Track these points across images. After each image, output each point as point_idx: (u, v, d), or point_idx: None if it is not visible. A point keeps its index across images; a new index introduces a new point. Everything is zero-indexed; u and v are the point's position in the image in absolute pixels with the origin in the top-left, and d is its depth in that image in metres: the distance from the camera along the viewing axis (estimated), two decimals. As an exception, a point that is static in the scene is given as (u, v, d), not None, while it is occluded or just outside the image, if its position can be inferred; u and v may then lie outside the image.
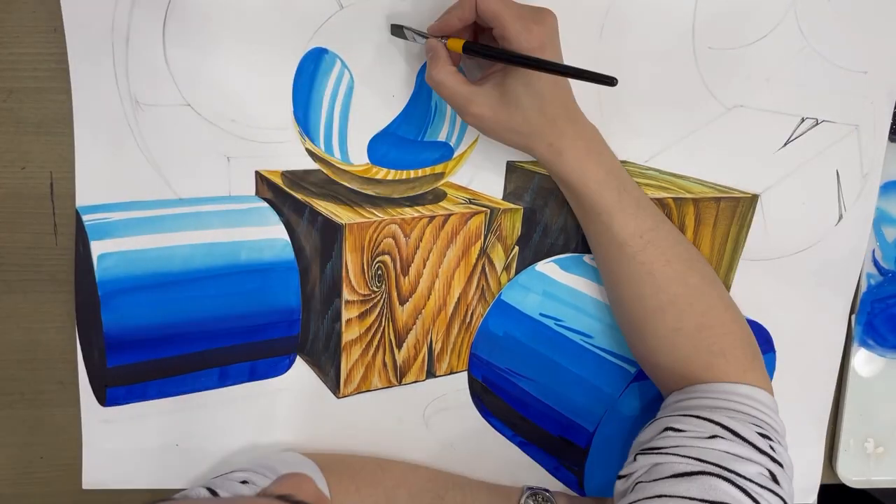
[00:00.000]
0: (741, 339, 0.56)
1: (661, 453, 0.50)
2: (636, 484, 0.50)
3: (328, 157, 0.61)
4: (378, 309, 0.63)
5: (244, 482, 0.54)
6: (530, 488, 0.64)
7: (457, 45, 0.53)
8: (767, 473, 0.49)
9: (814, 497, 0.71)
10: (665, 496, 0.47)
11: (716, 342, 0.55)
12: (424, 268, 0.63)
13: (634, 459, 0.52)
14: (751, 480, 0.47)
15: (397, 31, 0.58)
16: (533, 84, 0.52)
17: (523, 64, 0.50)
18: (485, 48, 0.53)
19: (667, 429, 0.52)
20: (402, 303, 0.64)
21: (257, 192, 0.61)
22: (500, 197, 0.63)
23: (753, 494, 0.47)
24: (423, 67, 0.59)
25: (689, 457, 0.49)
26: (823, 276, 0.66)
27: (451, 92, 0.53)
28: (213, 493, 0.52)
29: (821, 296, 0.66)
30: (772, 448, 0.50)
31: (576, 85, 0.60)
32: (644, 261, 0.55)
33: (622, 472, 0.53)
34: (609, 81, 0.47)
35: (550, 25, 0.52)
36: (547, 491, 0.64)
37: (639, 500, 0.48)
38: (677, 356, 0.55)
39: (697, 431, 0.50)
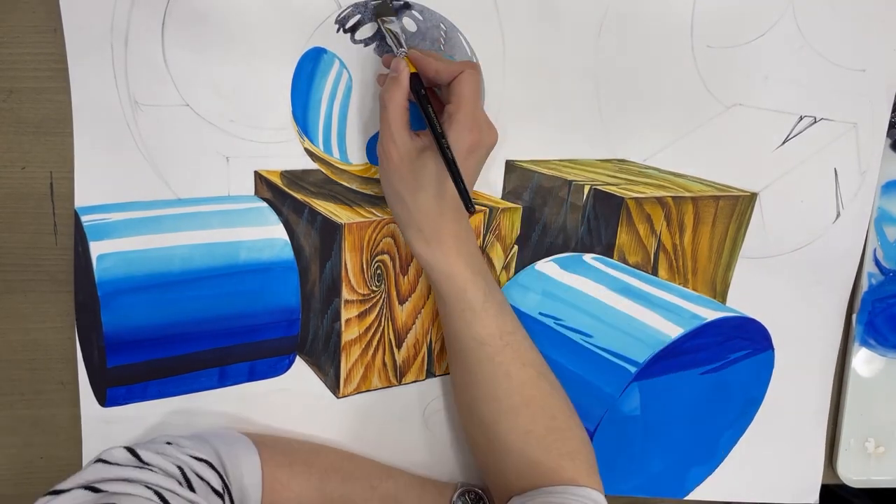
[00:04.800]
0: (584, 443, 0.57)
1: None
2: None
3: (327, 157, 0.61)
4: (377, 309, 0.63)
5: (168, 443, 0.54)
6: (464, 485, 0.64)
7: (410, 67, 0.53)
8: None
9: (815, 497, 0.71)
10: None
11: (564, 445, 0.56)
12: (424, 267, 0.63)
13: None
14: None
15: (383, 7, 0.57)
16: (441, 172, 0.53)
17: (434, 132, 0.51)
18: (423, 97, 0.53)
19: None
20: (401, 302, 0.63)
21: (256, 192, 0.61)
22: (499, 196, 0.63)
23: None
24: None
25: None
26: (821, 274, 0.66)
27: (390, 118, 0.53)
28: (134, 453, 0.50)
29: (819, 293, 0.66)
30: None
31: (574, 83, 0.60)
32: (502, 361, 0.56)
33: None
34: (468, 208, 0.50)
35: (487, 146, 0.55)
36: (480, 489, 0.63)
37: None
38: (526, 458, 0.56)
39: None
